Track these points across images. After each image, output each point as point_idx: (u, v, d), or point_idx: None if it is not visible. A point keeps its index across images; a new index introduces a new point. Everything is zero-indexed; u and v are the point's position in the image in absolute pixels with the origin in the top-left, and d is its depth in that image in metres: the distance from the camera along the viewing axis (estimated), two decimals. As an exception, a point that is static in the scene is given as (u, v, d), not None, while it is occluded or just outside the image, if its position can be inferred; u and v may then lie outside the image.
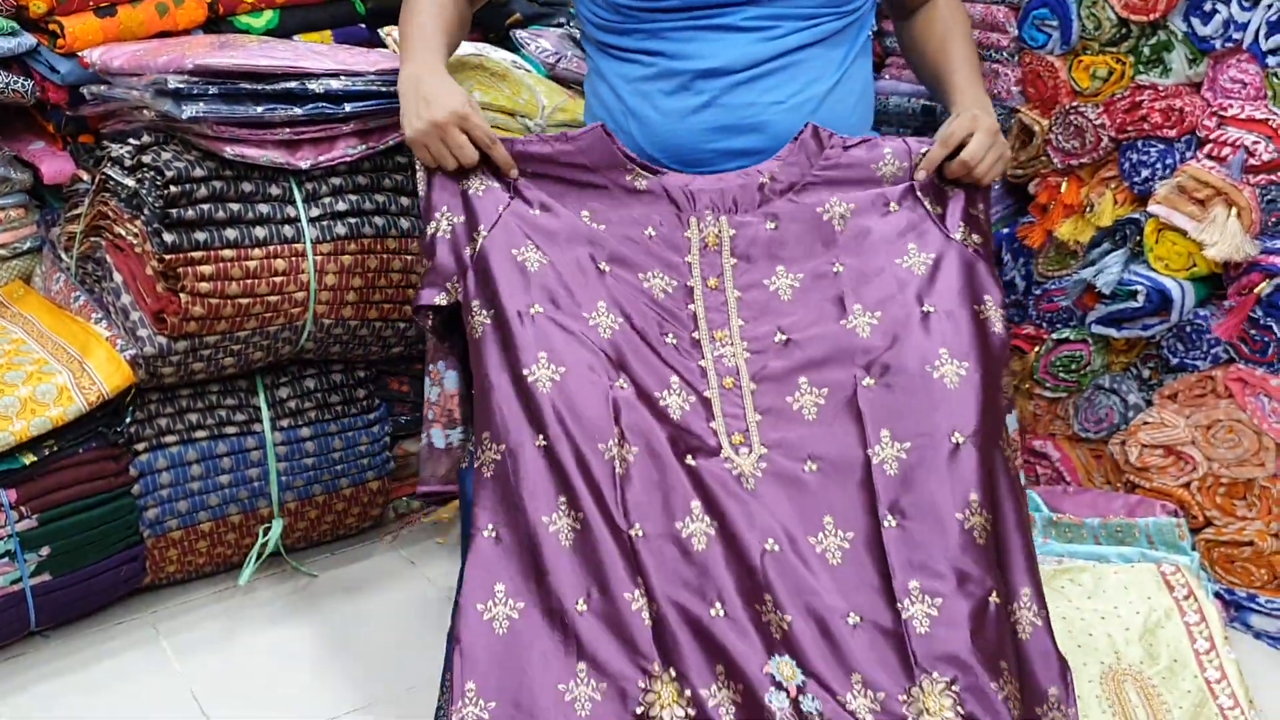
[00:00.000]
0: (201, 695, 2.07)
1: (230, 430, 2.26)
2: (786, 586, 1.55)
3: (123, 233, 2.09)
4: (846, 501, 1.59)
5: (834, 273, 1.70)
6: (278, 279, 2.12)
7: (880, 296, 1.68)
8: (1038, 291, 2.48)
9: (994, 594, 1.53)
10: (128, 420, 2.14)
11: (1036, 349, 2.48)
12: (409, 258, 2.27)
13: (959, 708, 1.48)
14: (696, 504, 1.60)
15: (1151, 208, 2.17)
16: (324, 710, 2.02)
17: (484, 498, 1.64)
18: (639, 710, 1.50)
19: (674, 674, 1.53)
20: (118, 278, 2.13)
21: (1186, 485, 2.26)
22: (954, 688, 1.49)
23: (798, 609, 1.55)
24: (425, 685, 2.00)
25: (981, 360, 1.62)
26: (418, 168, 2.26)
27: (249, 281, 2.09)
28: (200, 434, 2.23)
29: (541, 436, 1.61)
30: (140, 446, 2.18)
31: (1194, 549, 2.22)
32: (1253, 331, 2.12)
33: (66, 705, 2.03)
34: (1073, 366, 2.42)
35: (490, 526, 1.61)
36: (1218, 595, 2.20)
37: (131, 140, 2.06)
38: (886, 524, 1.56)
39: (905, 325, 1.65)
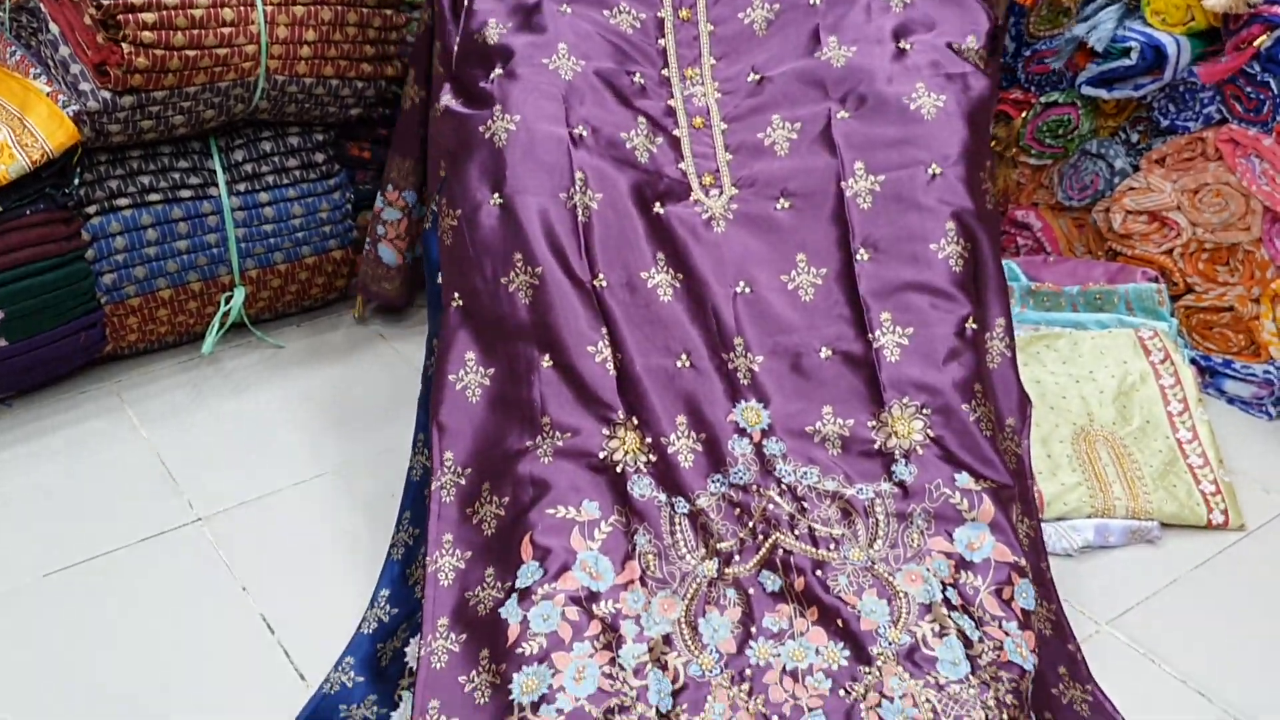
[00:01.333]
0: (169, 461, 2.04)
1: (185, 194, 2.17)
2: (758, 327, 1.53)
3: (56, -22, 1.95)
4: (819, 237, 1.55)
5: (809, 4, 1.61)
6: (226, 30, 1.99)
7: (857, 30, 1.60)
8: (1027, 53, 2.37)
9: (970, 319, 1.51)
10: (76, 182, 2.05)
11: (1024, 114, 2.39)
12: (365, 10, 2.14)
13: (929, 431, 1.47)
14: (662, 255, 1.56)
15: (1150, -43, 2.06)
16: (295, 473, 2.00)
17: (447, 267, 1.59)
18: (601, 456, 1.48)
19: (636, 422, 1.51)
20: (54, 28, 2.01)
21: (1169, 252, 2.22)
22: (924, 411, 1.48)
23: (768, 349, 1.53)
24: (397, 449, 1.99)
25: (961, 94, 1.55)
26: None
27: (195, 32, 1.97)
28: (154, 197, 2.14)
29: (497, 195, 1.55)
30: (91, 210, 2.09)
31: (1172, 315, 2.19)
32: (1248, 89, 2.03)
33: (32, 471, 2.01)
34: (1060, 131, 2.34)
35: (456, 296, 1.58)
36: (1193, 362, 2.19)
37: (60, -125, 1.91)
38: (859, 258, 1.52)
39: (882, 58, 1.58)
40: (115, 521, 1.88)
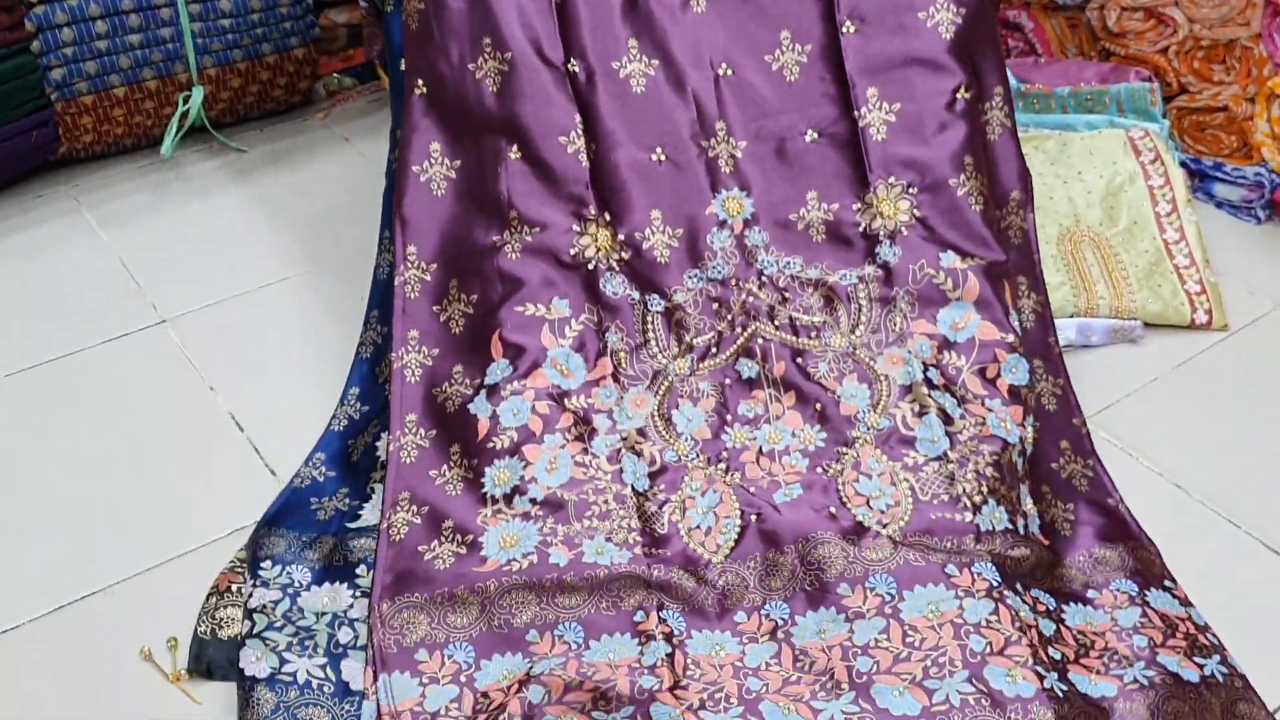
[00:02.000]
0: (131, 264, 1.98)
1: (135, -16, 2.06)
2: (741, 111, 1.47)
3: None
4: (803, 11, 1.48)
5: None
6: None
7: None
8: None
9: (963, 88, 1.45)
10: (17, -32, 1.94)
11: (1018, -95, 2.28)
12: None
13: (915, 211, 1.43)
14: (634, 42, 1.48)
15: None
16: (260, 276, 1.95)
17: (411, 52, 1.51)
18: (572, 253, 1.44)
19: (609, 218, 1.46)
20: None
21: (1164, 50, 2.14)
22: (911, 190, 1.44)
23: (752, 134, 1.47)
24: (364, 252, 1.92)
25: None
26: None
27: None
28: (101, -14, 2.03)
29: None
30: (35, -1, 1.98)
31: (1165, 116, 2.13)
32: (1256, -128, 1.93)
33: (-12, 273, 1.95)
34: (1056, -78, 2.23)
35: (420, 83, 1.50)
36: (1183, 165, 2.13)
37: None
38: (845, 30, 1.45)
39: None
40: (77, 323, 1.84)
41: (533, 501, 1.33)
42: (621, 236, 1.46)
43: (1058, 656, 1.22)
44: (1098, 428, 1.61)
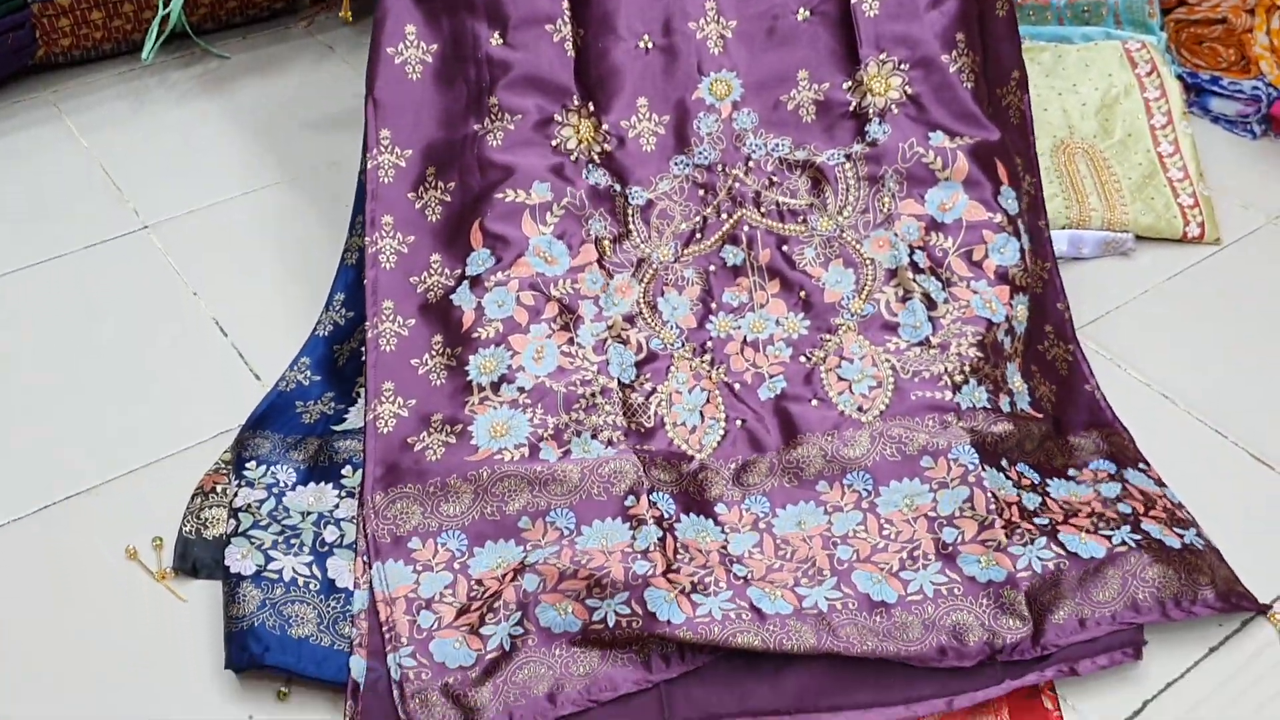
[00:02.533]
0: (112, 170, 1.96)
1: (113, -119, 2.00)
2: None
3: None
4: None
5: None
6: None
7: None
8: None
9: None
10: None
11: None
12: None
13: (906, 88, 1.41)
14: None
15: None
16: (244, 183, 1.92)
17: None
18: (553, 143, 1.42)
19: (592, 108, 1.44)
20: None
21: (1163, -40, 2.11)
22: (902, 67, 1.42)
23: (743, 12, 1.45)
24: (349, 160, 1.90)
25: None
26: None
27: None
28: (78, -117, 1.98)
29: None
30: (10, -104, 1.93)
31: (1162, 29, 2.10)
32: None
33: (-33, 178, 1.92)
34: None
35: None
36: (1180, 78, 2.11)
37: None
38: None
39: None
40: (58, 228, 1.81)
41: (520, 390, 1.32)
42: (605, 127, 1.44)
43: (1045, 523, 1.24)
44: (1087, 339, 1.60)
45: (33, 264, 1.74)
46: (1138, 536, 1.23)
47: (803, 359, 1.36)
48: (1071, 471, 1.35)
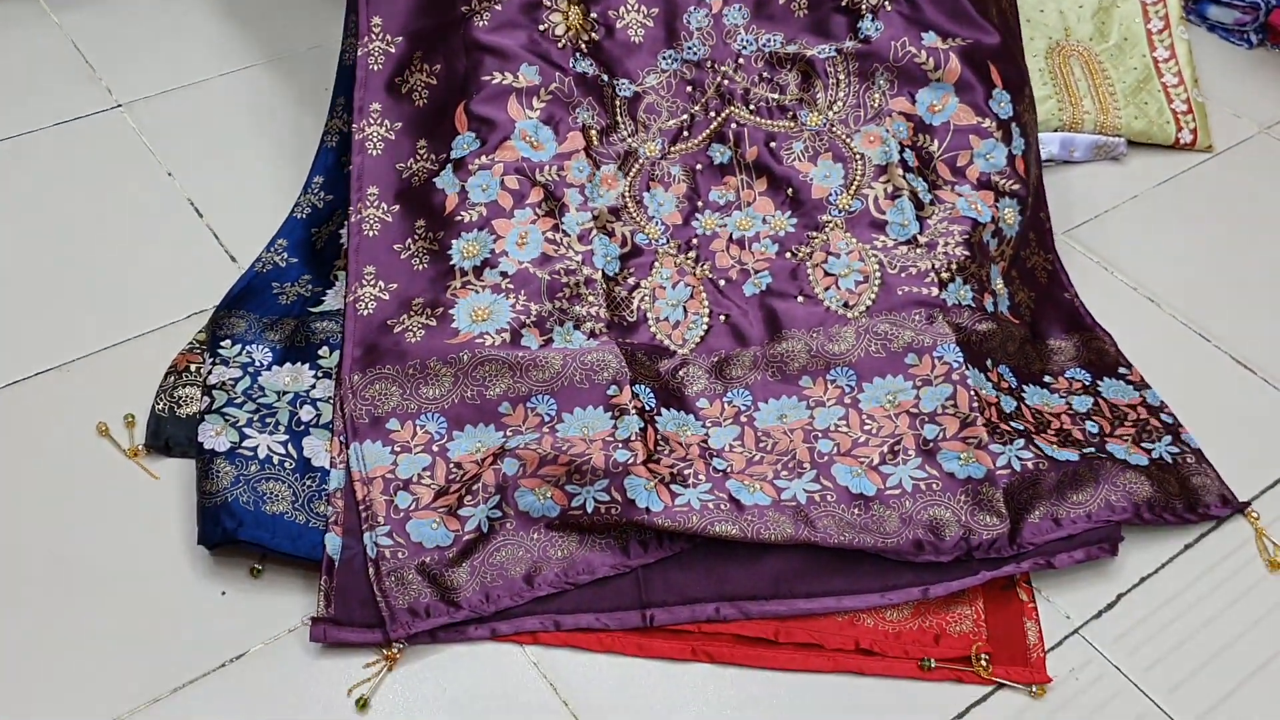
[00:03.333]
0: (84, 47, 1.90)
1: None
2: None
3: None
4: None
5: None
6: None
7: None
8: None
9: None
10: None
11: None
12: None
13: None
14: None
15: None
16: (221, 64, 1.87)
17: None
18: (541, 29, 1.38)
19: None
20: None
21: None
22: None
23: None
24: (329, 44, 1.85)
25: None
26: None
27: None
28: None
29: None
30: None
31: (1163, -68, 2.06)
32: None
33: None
34: None
35: None
36: (1178, -16, 2.07)
37: None
38: None
39: None
40: (28, 104, 1.76)
41: (503, 275, 1.30)
42: (594, 15, 1.41)
43: (1020, 428, 1.24)
44: (1075, 241, 1.59)
45: (1, 139, 1.70)
46: (1104, 455, 1.23)
47: (789, 255, 1.35)
48: (1047, 378, 1.35)
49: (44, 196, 1.61)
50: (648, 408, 1.23)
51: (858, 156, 1.38)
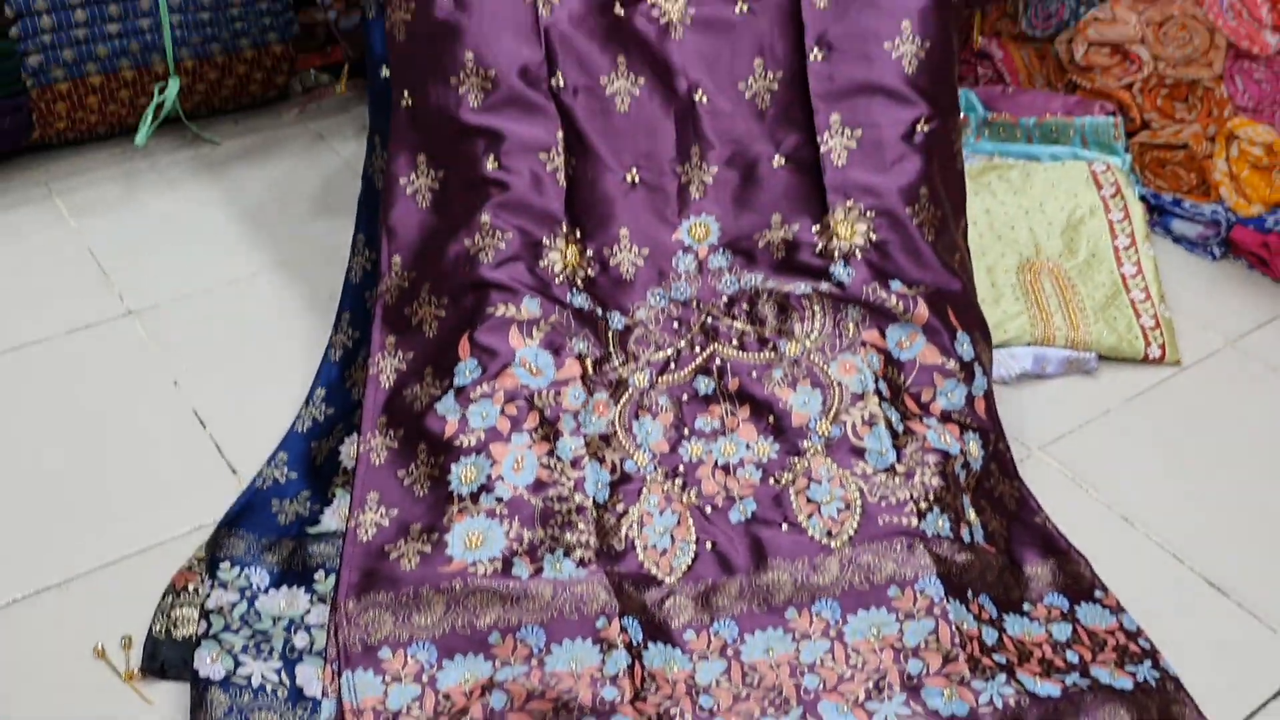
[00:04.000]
0: (100, 253, 1.99)
1: (116, -25, 2.06)
2: (715, 137, 1.51)
3: None
4: (776, 39, 1.51)
5: None
6: None
7: None
8: None
9: (924, 120, 1.49)
10: (-3, -47, 1.93)
11: (994, -64, 2.32)
12: None
13: (871, 235, 1.47)
14: (623, 58, 1.51)
15: None
16: (229, 271, 1.96)
17: (397, 63, 1.53)
18: (541, 264, 1.46)
19: (579, 235, 1.49)
20: None
21: (1129, 86, 2.19)
22: (868, 214, 1.48)
23: (724, 159, 1.51)
24: (334, 250, 1.94)
25: None
26: None
27: None
28: (82, -26, 2.03)
29: None
30: (14, -15, 1.98)
31: (1127, 151, 2.18)
32: (1225, -82, 1.98)
33: (-46, 257, 1.94)
34: (1030, -45, 2.27)
35: (406, 94, 1.52)
36: (1143, 199, 2.18)
37: None
38: (813, 58, 1.49)
39: None
40: (44, 311, 1.84)
41: (498, 500, 1.35)
42: (590, 252, 1.49)
43: (1003, 661, 1.26)
44: (1049, 458, 1.64)
45: (14, 348, 1.77)
46: (1087, 681, 1.26)
47: (772, 481, 1.40)
48: (1026, 606, 1.38)
49: (51, 406, 1.66)
50: (635, 642, 1.26)
51: (835, 384, 1.45)
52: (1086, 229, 1.98)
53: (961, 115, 2.23)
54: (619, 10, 1.50)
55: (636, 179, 1.50)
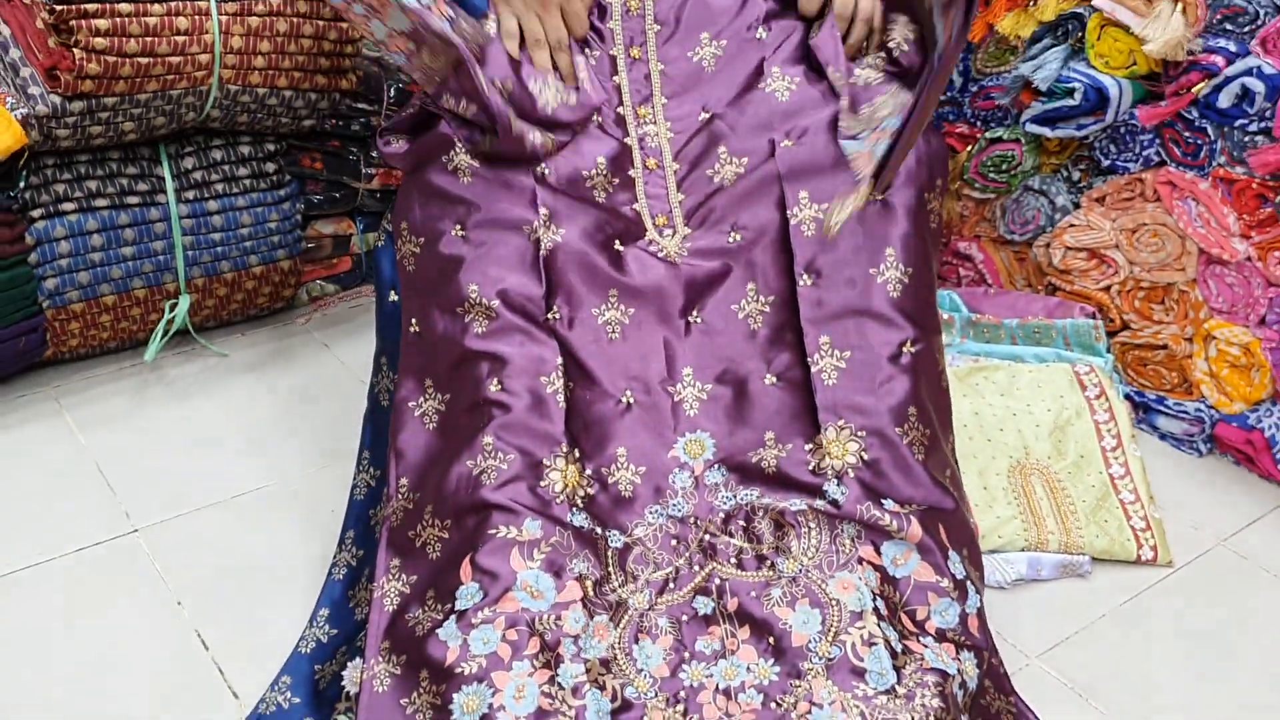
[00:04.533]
0: (106, 468, 2.02)
1: (132, 200, 2.15)
2: (707, 357, 1.57)
3: (8, -21, 1.93)
4: (768, 265, 1.59)
5: (756, 38, 1.63)
6: (180, 38, 1.98)
7: (799, 62, 1.62)
8: (974, 88, 2.42)
9: (909, 343, 1.54)
10: (21, 185, 2.03)
11: (969, 148, 2.43)
12: (321, 23, 2.13)
13: (863, 454, 1.51)
14: (614, 291, 1.58)
15: (1096, 1, 2.10)
16: (234, 486, 1.99)
17: (406, 291, 1.61)
18: (542, 484, 1.50)
19: (578, 455, 1.53)
20: (5, 30, 1.98)
21: (1107, 289, 2.27)
22: (859, 434, 1.52)
23: (716, 378, 1.56)
24: (338, 463, 1.99)
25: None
26: None
27: (149, 39, 1.95)
28: (100, 203, 2.12)
29: (459, 226, 1.56)
30: (36, 213, 2.07)
31: (1109, 351, 2.24)
32: (1186, 134, 2.09)
33: (-35, 476, 1.98)
34: (1004, 166, 2.38)
35: (414, 321, 1.59)
36: (1128, 397, 2.24)
37: (14, -125, 1.89)
38: (802, 283, 1.56)
39: (823, 89, 1.61)
40: (50, 531, 1.86)
41: None
42: (589, 472, 1.53)
43: None
44: (1048, 665, 1.65)
45: (20, 568, 1.79)
46: None
47: (774, 705, 1.41)
48: None
49: (53, 627, 1.67)
50: None
51: (833, 602, 1.47)
52: (1074, 430, 2.03)
53: (946, 316, 2.32)
54: (618, 246, 1.58)
55: (631, 400, 1.56)
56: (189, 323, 2.31)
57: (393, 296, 1.67)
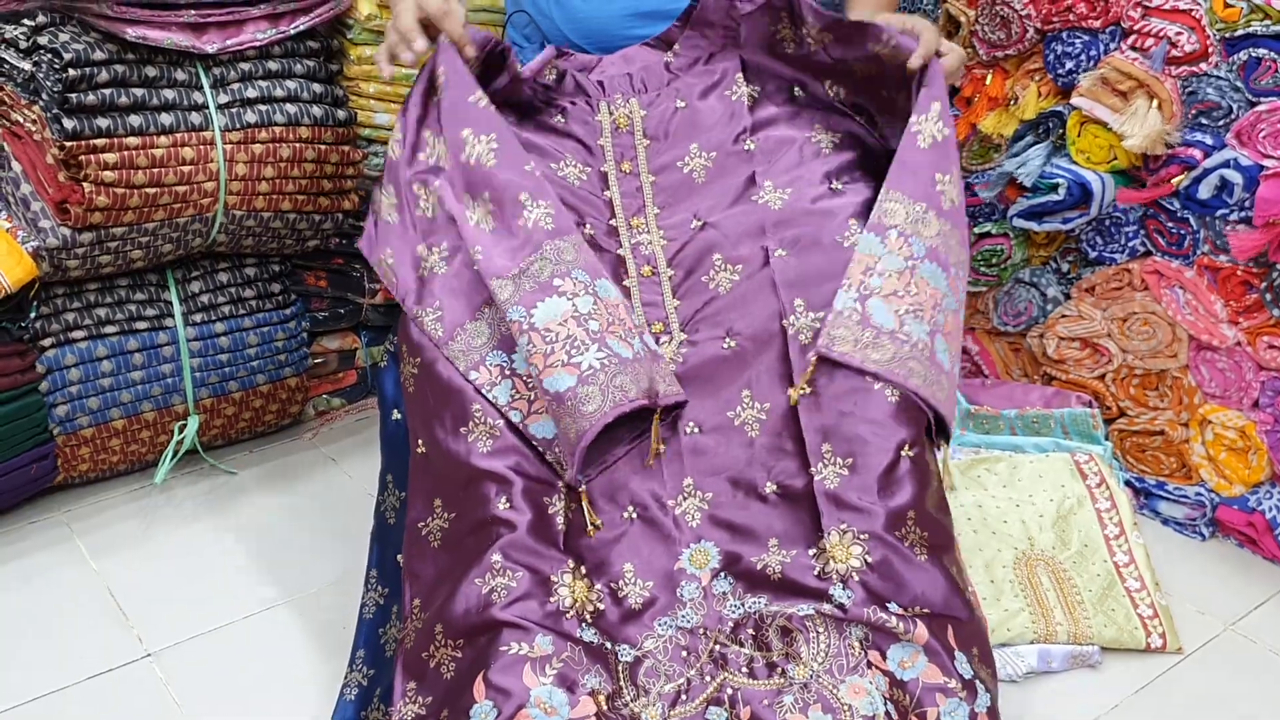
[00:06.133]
0: (118, 593, 2.04)
1: (141, 325, 2.20)
2: (707, 467, 1.58)
3: (20, 119, 2.00)
4: (763, 373, 1.61)
5: (744, 150, 1.68)
6: (186, 168, 2.04)
7: (791, 173, 1.67)
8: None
9: (908, 445, 1.56)
10: (32, 315, 2.07)
11: (959, 243, 2.48)
12: (323, 147, 2.20)
13: (867, 557, 1.52)
14: None
15: (1075, 100, 2.17)
16: (245, 606, 2.00)
17: (412, 411, 1.64)
18: (552, 600, 1.51)
19: (584, 571, 1.55)
20: (16, 167, 2.04)
21: (1101, 377, 2.30)
22: (861, 537, 1.53)
23: (717, 488, 1.57)
24: (348, 579, 2.00)
25: None
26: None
27: (155, 170, 2.01)
28: (109, 329, 2.17)
29: None
30: (46, 342, 2.11)
31: (1107, 439, 2.27)
32: (1169, 224, 2.14)
33: (-22, 605, 1.99)
34: (994, 260, 2.43)
35: (420, 442, 1.61)
36: (1128, 483, 2.26)
37: (26, 20, 1.95)
38: (802, 393, 1.58)
39: (815, 199, 1.65)
40: (64, 658, 1.87)
41: None
42: (599, 587, 1.54)
43: None
44: (1063, 760, 1.65)
45: (35, 698, 1.79)
46: None
47: None
48: None
49: (73, 758, 1.68)
50: None
51: (846, 708, 1.47)
52: (1076, 520, 2.05)
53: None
54: None
55: (634, 515, 1.57)
56: (197, 442, 2.33)
57: (395, 415, 1.70)
